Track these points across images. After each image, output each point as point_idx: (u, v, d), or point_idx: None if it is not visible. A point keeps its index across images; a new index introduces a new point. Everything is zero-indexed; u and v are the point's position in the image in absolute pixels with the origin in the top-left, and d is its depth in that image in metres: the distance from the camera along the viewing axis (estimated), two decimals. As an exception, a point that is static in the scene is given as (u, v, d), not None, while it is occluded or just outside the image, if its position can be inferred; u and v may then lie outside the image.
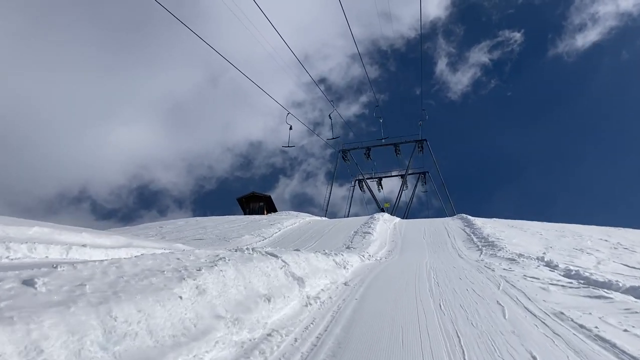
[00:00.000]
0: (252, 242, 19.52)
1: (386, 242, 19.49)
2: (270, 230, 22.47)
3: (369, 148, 43.31)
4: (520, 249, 16.25)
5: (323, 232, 22.62)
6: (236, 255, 5.26)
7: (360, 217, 28.91)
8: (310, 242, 19.45)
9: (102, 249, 10.04)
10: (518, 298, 6.03)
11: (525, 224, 25.56)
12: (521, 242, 18.36)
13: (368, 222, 23.80)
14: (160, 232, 22.82)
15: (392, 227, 24.40)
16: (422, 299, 6.22)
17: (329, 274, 7.71)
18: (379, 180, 46.16)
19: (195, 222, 27.15)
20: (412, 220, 29.96)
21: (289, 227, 24.63)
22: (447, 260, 12.90)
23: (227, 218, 29.09)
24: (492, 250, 15.92)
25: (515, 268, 9.71)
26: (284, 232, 23.08)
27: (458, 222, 25.23)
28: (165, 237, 20.67)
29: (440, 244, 18.87)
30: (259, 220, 26.60)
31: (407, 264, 12.01)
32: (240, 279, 4.49)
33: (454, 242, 19.08)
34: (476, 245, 17.53)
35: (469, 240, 19.02)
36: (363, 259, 12.90)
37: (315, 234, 22.07)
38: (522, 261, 11.40)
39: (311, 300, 5.61)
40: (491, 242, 17.48)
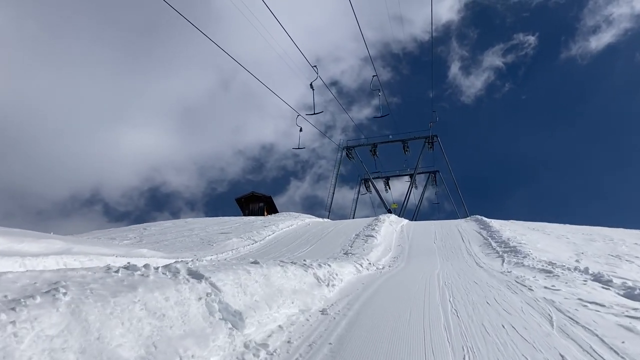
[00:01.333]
0: (239, 246, 17.22)
1: (391, 247, 17.08)
2: (262, 233, 20.16)
3: (375, 145, 40.59)
4: (549, 255, 13.78)
5: (321, 235, 20.26)
6: (107, 279, 2.95)
7: (364, 219, 26.50)
8: (304, 247, 17.10)
9: (17, 257, 7.77)
10: (596, 350, 3.64)
11: (547, 226, 22.99)
12: (547, 247, 15.86)
13: (372, 224, 21.39)
14: (142, 234, 20.60)
15: (399, 229, 21.97)
16: (436, 349, 3.85)
17: (301, 296, 5.38)
18: (386, 180, 43.62)
19: (185, 223, 24.92)
20: (421, 222, 27.48)
21: (284, 229, 22.31)
22: (464, 271, 10.49)
23: (220, 219, 26.83)
24: (516, 257, 13.46)
25: (557, 284, 7.27)
26: (278, 234, 20.75)
27: (472, 225, 22.72)
28: (143, 241, 18.44)
29: (453, 249, 16.42)
30: (253, 222, 24.30)
31: (413, 276, 9.61)
32: (75, 332, 2.20)
33: (470, 247, 16.62)
34: (496, 251, 15.07)
35: (486, 245, 16.55)
36: (360, 268, 10.52)
37: (313, 237, 19.71)
38: (561, 273, 8.94)
39: (248, 354, 3.30)
40: (513, 248, 15.01)
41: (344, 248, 16.09)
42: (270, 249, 17.00)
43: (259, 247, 17.64)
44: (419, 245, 17.78)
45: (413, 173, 40.33)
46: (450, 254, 15.35)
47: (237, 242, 17.84)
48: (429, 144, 38.21)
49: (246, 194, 39.45)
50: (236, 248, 16.84)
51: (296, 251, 16.15)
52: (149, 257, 11.62)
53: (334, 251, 15.63)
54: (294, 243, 18.34)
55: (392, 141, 39.92)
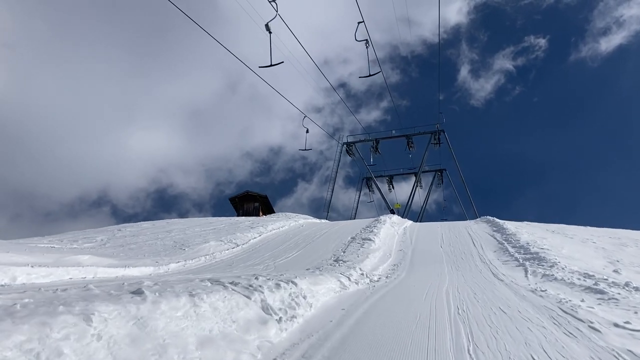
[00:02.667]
0: (216, 251, 14.93)
1: (391, 252, 14.73)
2: (247, 235, 17.85)
3: (376, 141, 37.98)
4: (580, 264, 11.42)
5: (313, 237, 17.93)
6: None
7: (363, 220, 24.14)
8: (290, 252, 14.78)
9: None
10: None
11: (567, 228, 20.52)
12: (574, 253, 13.46)
13: (371, 225, 19.04)
14: (112, 237, 18.35)
15: (401, 231, 19.60)
16: None
17: (216, 351, 3.07)
18: (390, 179, 41.14)
19: (165, 224, 22.66)
20: (426, 224, 25.09)
21: (273, 230, 19.99)
22: (480, 287, 8.14)
23: (205, 220, 24.56)
24: (541, 266, 11.10)
25: (626, 316, 4.93)
26: (265, 237, 18.44)
27: (484, 227, 20.30)
28: (107, 244, 16.19)
29: (464, 255, 14.05)
30: (240, 223, 22.00)
31: (415, 294, 7.27)
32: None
33: (483, 252, 14.24)
34: (514, 258, 12.69)
35: (502, 251, 14.16)
36: (347, 282, 8.18)
37: (303, 240, 17.38)
38: (616, 293, 6.57)
39: None
40: (535, 254, 12.62)
41: (336, 254, 13.75)
42: (250, 255, 14.70)
43: (240, 252, 15.34)
44: (423, 250, 15.42)
45: (418, 171, 37.81)
46: (460, 262, 12.99)
47: (215, 246, 15.54)
48: (435, 140, 35.62)
49: (240, 193, 37.19)
50: (211, 253, 14.55)
51: (279, 257, 13.83)
52: (87, 265, 9.33)
53: (324, 257, 13.30)
54: (280, 247, 16.03)
55: (395, 137, 37.27)
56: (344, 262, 11.93)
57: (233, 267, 12.41)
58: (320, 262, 12.48)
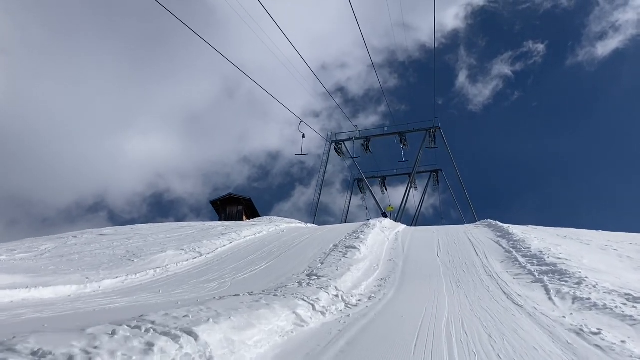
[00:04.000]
0: (171, 262, 12.56)
1: (379, 263, 12.40)
2: (214, 243, 15.49)
3: (367, 139, 35.59)
4: (612, 279, 9.16)
5: (291, 245, 15.59)
6: None
7: (351, 224, 21.83)
8: (258, 265, 12.42)
9: None
10: None
11: (579, 233, 18.24)
12: (598, 264, 11.17)
13: (358, 231, 16.71)
14: (59, 244, 15.95)
15: (392, 237, 17.28)
16: None
17: None
18: (383, 180, 38.82)
19: (130, 230, 20.25)
20: (421, 228, 22.80)
21: (248, 237, 17.63)
22: (493, 320, 5.84)
23: (176, 225, 22.18)
24: (565, 283, 8.83)
25: None
26: (236, 245, 16.07)
27: (485, 231, 18.01)
28: (45, 255, 13.78)
29: (465, 266, 11.74)
30: (211, 229, 19.62)
31: (399, 336, 4.95)
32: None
33: (488, 263, 11.94)
34: (527, 271, 10.40)
35: (511, 261, 11.87)
36: (310, 313, 5.85)
37: (279, 248, 15.04)
38: None
39: None
40: (552, 266, 10.34)
41: (312, 266, 11.41)
42: (211, 267, 12.34)
43: (201, 263, 12.97)
44: (417, 259, 13.11)
45: (412, 172, 35.47)
46: (461, 276, 10.68)
47: (172, 256, 13.17)
48: (431, 137, 33.29)
49: (223, 196, 34.79)
50: (165, 265, 12.17)
51: (243, 271, 11.48)
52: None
53: (296, 271, 10.96)
54: (249, 257, 13.67)
55: (388, 134, 34.81)
56: (318, 277, 9.59)
57: (181, 284, 10.05)
58: (290, 277, 10.14)
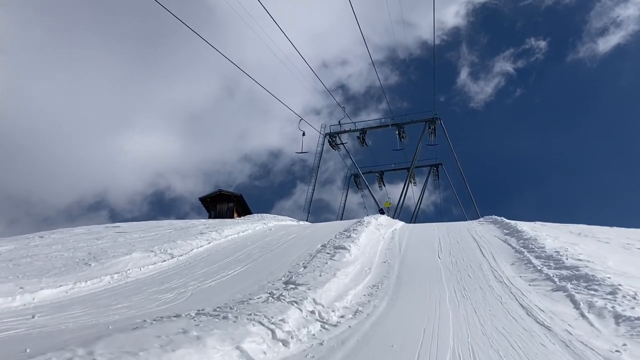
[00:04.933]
0: (135, 267, 10.97)
1: (371, 266, 10.83)
2: (191, 243, 13.90)
3: (363, 131, 33.83)
4: (648, 286, 7.60)
5: (275, 245, 14.02)
6: None
7: (343, 222, 20.29)
8: (233, 268, 10.85)
9: None
10: None
11: (593, 230, 16.68)
12: (626, 266, 9.59)
13: (350, 229, 15.13)
14: (25, 245, 14.36)
15: (388, 236, 15.70)
16: None
17: None
18: (380, 176, 37.21)
19: (103, 229, 18.66)
20: (420, 225, 21.24)
21: (230, 236, 16.04)
22: (517, 356, 4.30)
23: (155, 224, 20.57)
24: (595, 292, 7.29)
25: None
26: (215, 245, 14.48)
27: (491, 228, 16.44)
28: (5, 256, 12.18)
29: (471, 269, 10.17)
30: (192, 227, 18.01)
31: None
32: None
33: (496, 266, 10.37)
34: (545, 276, 8.83)
35: (523, 263, 10.30)
36: (266, 345, 4.28)
37: (260, 249, 13.45)
38: None
39: None
40: (574, 270, 8.77)
41: (292, 270, 9.82)
42: (179, 272, 10.76)
43: (169, 267, 11.38)
44: (415, 261, 11.55)
45: (410, 166, 33.81)
46: (467, 281, 9.11)
47: (138, 259, 11.57)
48: (431, 129, 31.59)
49: (212, 193, 33.21)
50: (126, 270, 10.58)
51: (213, 277, 9.90)
52: None
53: (272, 277, 9.37)
54: (225, 260, 12.09)
55: (384, 126, 32.99)
56: (295, 286, 8.01)
57: (134, 294, 8.46)
58: (263, 285, 8.55)
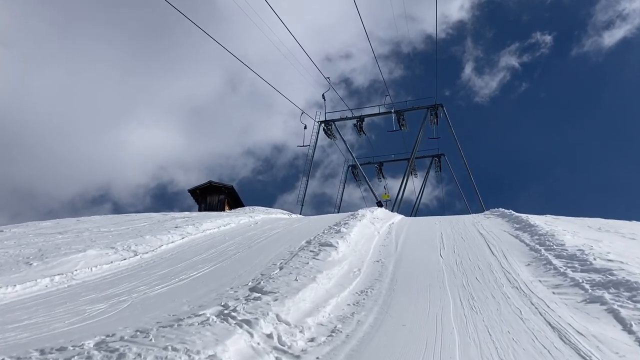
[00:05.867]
0: (87, 265, 9.38)
1: (362, 267, 9.21)
2: (161, 239, 12.30)
3: (361, 118, 32.02)
4: None
5: (256, 241, 12.42)
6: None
7: (336, 215, 18.69)
8: (198, 270, 9.23)
9: None
10: None
11: (611, 224, 15.05)
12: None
13: (341, 222, 13.50)
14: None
15: (384, 230, 14.08)
16: None
17: None
18: (379, 167, 35.54)
19: (74, 222, 17.07)
20: (420, 219, 19.62)
21: (209, 231, 14.43)
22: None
23: (132, 217, 18.98)
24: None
25: None
26: (188, 240, 12.88)
27: (499, 223, 14.80)
28: None
29: (478, 271, 8.53)
30: (168, 221, 16.39)
31: None
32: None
33: (509, 267, 8.73)
34: (571, 280, 7.19)
35: (541, 263, 8.66)
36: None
37: (237, 246, 11.85)
38: None
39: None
40: (606, 273, 7.10)
41: (266, 272, 8.20)
42: (134, 273, 9.15)
43: (127, 267, 9.79)
44: (413, 260, 9.94)
45: (410, 156, 32.07)
46: (475, 287, 7.48)
47: (92, 258, 9.98)
48: (433, 116, 29.81)
49: (202, 185, 31.65)
50: (73, 270, 9.00)
51: (169, 281, 8.28)
52: None
53: (239, 282, 7.75)
54: (194, 258, 10.49)
55: (383, 113, 31.13)
56: (262, 294, 6.40)
57: (64, 303, 6.86)
58: (223, 292, 6.92)
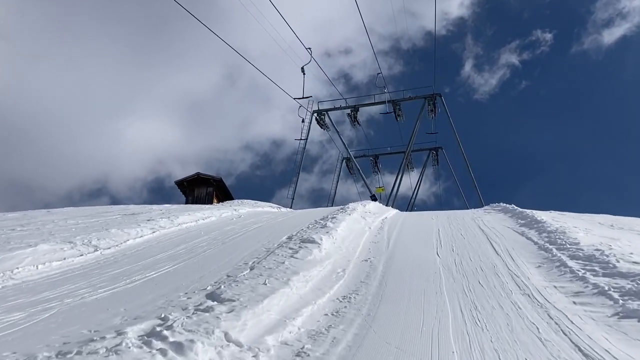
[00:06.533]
0: (36, 262, 8.17)
1: (347, 267, 8.01)
2: (128, 233, 11.08)
3: (355, 108, 30.68)
4: None
5: (232, 236, 11.23)
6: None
7: (325, 209, 17.50)
8: (158, 269, 8.03)
9: None
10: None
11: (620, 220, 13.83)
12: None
13: (328, 217, 12.31)
14: None
15: (376, 225, 12.89)
16: None
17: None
18: (375, 160, 34.34)
19: (44, 214, 15.83)
20: (416, 214, 18.46)
21: (185, 224, 13.19)
22: None
23: (105, 209, 17.76)
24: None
25: None
26: (159, 235, 11.65)
27: (501, 218, 13.64)
28: None
29: (481, 274, 7.34)
30: (142, 214, 15.15)
31: None
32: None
33: (516, 268, 7.54)
34: (594, 287, 5.98)
35: (554, 265, 7.47)
36: None
37: (210, 242, 10.65)
38: None
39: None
40: (636, 278, 5.95)
41: (233, 274, 7.01)
42: (85, 273, 7.94)
43: (81, 265, 8.56)
44: (406, 259, 8.74)
45: (407, 149, 30.79)
46: (479, 293, 6.29)
47: (42, 253, 8.76)
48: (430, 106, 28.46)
49: (190, 176, 30.40)
50: (14, 268, 7.79)
51: (117, 282, 7.07)
52: None
53: (198, 285, 6.55)
54: (159, 255, 9.28)
55: (378, 103, 29.90)
56: (218, 302, 5.22)
57: None
58: (172, 300, 5.72)
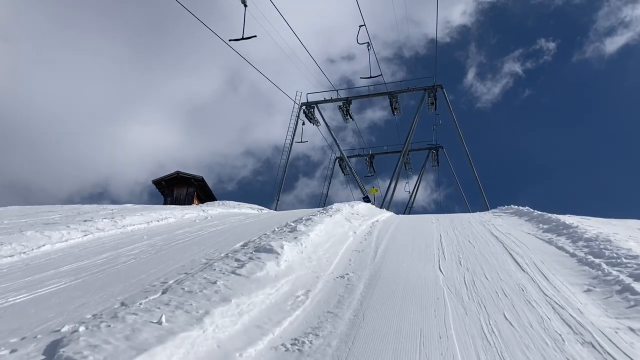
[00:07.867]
0: None
1: (313, 287, 5.61)
2: (49, 236, 8.75)
3: (347, 101, 28.32)
4: None
5: (175, 243, 8.87)
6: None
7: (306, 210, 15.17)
8: (50, 285, 5.63)
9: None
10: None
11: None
12: None
13: (302, 219, 9.93)
14: None
15: (364, 230, 10.51)
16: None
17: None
18: (370, 159, 31.95)
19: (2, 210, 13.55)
20: (414, 217, 16.11)
21: (132, 226, 10.83)
22: None
23: (53, 207, 15.44)
24: None
25: None
26: (90, 239, 9.27)
27: (516, 222, 11.26)
28: None
29: (506, 302, 4.91)
30: (87, 213, 12.81)
31: None
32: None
33: (554, 292, 5.12)
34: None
35: (608, 285, 5.10)
36: None
37: (144, 249, 8.28)
38: None
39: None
40: None
41: (128, 303, 4.62)
42: None
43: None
44: (397, 277, 6.36)
45: (404, 147, 28.38)
46: (508, 338, 3.83)
47: None
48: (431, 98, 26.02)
49: (169, 175, 27.99)
50: None
51: None
52: None
53: (57, 322, 4.17)
54: (64, 268, 6.91)
55: (374, 95, 27.29)
56: None
57: None
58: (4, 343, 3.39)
